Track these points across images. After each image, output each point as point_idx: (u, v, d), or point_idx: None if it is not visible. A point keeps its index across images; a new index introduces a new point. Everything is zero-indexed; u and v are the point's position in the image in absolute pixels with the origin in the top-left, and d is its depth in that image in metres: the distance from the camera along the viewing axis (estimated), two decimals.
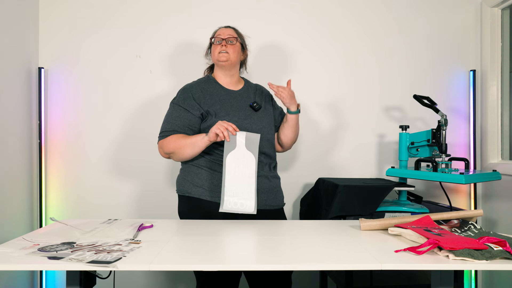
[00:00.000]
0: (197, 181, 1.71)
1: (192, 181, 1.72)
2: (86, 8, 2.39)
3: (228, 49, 1.78)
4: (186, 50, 2.42)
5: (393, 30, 2.53)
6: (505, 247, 1.12)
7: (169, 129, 1.72)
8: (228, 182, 1.56)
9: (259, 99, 1.86)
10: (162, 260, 1.08)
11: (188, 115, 1.72)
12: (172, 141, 1.68)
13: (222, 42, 1.79)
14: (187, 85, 1.82)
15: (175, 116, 1.73)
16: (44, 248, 1.16)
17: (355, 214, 1.87)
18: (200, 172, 1.71)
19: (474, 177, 1.88)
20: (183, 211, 1.75)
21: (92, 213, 2.36)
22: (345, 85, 2.51)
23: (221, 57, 1.78)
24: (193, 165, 1.74)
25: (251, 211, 1.55)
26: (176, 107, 1.75)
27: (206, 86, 1.79)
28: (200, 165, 1.72)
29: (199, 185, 1.70)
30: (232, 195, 1.56)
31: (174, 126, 1.72)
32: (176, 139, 1.68)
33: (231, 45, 1.79)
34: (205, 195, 1.68)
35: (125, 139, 2.40)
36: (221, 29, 1.84)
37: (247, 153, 1.58)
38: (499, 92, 2.48)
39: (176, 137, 1.69)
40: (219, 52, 1.78)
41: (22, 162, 2.22)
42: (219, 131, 1.56)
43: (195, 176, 1.72)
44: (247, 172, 1.57)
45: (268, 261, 1.13)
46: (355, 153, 2.50)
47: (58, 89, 2.38)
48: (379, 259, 1.09)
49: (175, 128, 1.71)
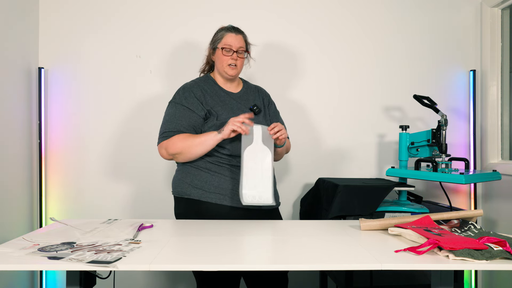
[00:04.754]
0: (196, 183, 1.68)
1: (191, 182, 1.69)
2: (86, 8, 2.39)
3: (238, 63, 1.75)
4: (187, 50, 2.42)
5: (393, 30, 2.53)
6: (505, 247, 1.12)
7: (173, 129, 1.67)
8: (246, 176, 1.58)
9: (259, 102, 1.84)
10: (162, 260, 1.08)
11: (193, 115, 1.68)
12: (178, 141, 1.64)
13: (233, 54, 1.73)
14: (186, 85, 1.78)
15: (179, 116, 1.68)
16: (44, 248, 1.16)
17: (355, 214, 1.87)
18: (200, 174, 1.69)
19: (474, 177, 1.88)
20: (180, 213, 1.73)
21: (92, 213, 2.36)
22: (345, 85, 2.51)
23: (230, 70, 1.74)
24: (192, 166, 1.71)
25: (269, 202, 1.59)
26: (179, 107, 1.70)
27: (205, 86, 1.76)
28: (199, 167, 1.70)
29: (198, 187, 1.68)
30: (250, 188, 1.58)
31: (179, 126, 1.66)
32: (183, 139, 1.64)
33: (241, 58, 1.76)
34: (205, 197, 1.66)
35: (125, 139, 2.40)
36: (231, 36, 1.74)
37: (263, 146, 1.61)
38: (499, 92, 2.48)
39: (182, 137, 1.64)
40: (228, 64, 1.73)
41: (22, 162, 2.22)
42: (236, 126, 1.55)
43: (194, 177, 1.69)
44: (264, 165, 1.61)
45: (268, 261, 1.13)
46: (355, 153, 2.50)
47: (58, 89, 2.38)
48: (379, 259, 1.09)
49: (180, 129, 1.66)
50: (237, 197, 1.63)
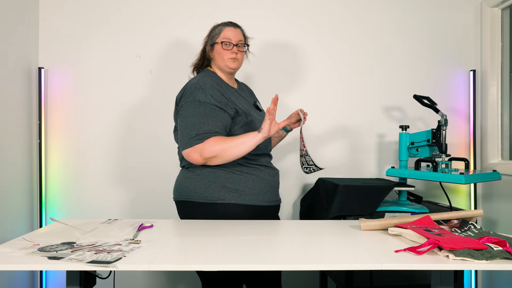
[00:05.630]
0: (229, 186, 1.62)
1: (223, 186, 1.61)
2: (86, 8, 2.39)
3: (238, 56, 1.72)
4: (187, 50, 2.41)
5: (393, 30, 2.53)
6: (505, 247, 1.12)
7: (208, 131, 1.55)
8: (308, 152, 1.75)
9: (253, 98, 1.89)
10: (162, 260, 1.08)
11: (225, 115, 1.60)
12: (215, 144, 1.54)
13: (233, 48, 1.70)
14: (204, 81, 1.65)
15: (213, 116, 1.57)
16: (44, 248, 1.16)
17: (355, 214, 1.87)
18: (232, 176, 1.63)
19: (474, 177, 1.88)
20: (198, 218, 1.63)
21: (92, 213, 2.36)
22: (345, 85, 2.50)
23: (231, 63, 1.71)
24: (220, 169, 1.62)
25: (322, 166, 1.78)
26: (208, 106, 1.58)
27: (218, 82, 1.70)
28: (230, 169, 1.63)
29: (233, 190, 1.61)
30: (304, 164, 1.79)
31: (215, 127, 1.56)
32: (219, 142, 1.54)
33: (241, 52, 1.74)
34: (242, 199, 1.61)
35: (125, 139, 2.40)
36: (229, 30, 1.72)
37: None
38: (499, 92, 2.48)
39: (217, 140, 1.55)
40: (230, 58, 1.70)
41: (22, 162, 2.22)
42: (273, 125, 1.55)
43: (226, 180, 1.62)
44: (302, 144, 1.78)
45: (268, 261, 1.13)
46: (355, 153, 2.50)
47: (58, 89, 2.37)
48: (379, 259, 1.09)
49: (215, 130, 1.56)
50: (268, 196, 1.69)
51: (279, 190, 1.82)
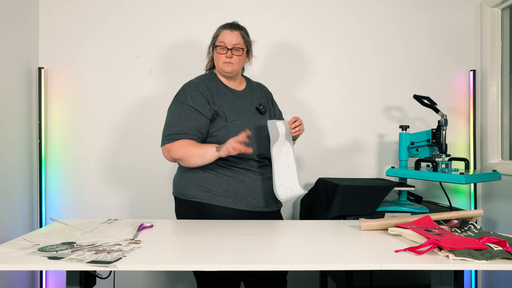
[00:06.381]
0: (204, 185, 1.63)
1: (198, 185, 1.63)
2: (86, 8, 2.39)
3: (233, 60, 1.67)
4: (187, 49, 2.42)
5: (393, 30, 2.53)
6: (505, 247, 1.12)
7: (178, 132, 1.60)
8: (276, 172, 1.62)
9: (263, 100, 1.82)
10: (162, 260, 1.08)
11: (199, 117, 1.61)
12: (180, 148, 1.58)
13: (227, 52, 1.67)
14: (192, 82, 1.70)
15: (185, 117, 1.61)
16: (44, 248, 1.16)
17: (355, 214, 1.87)
18: (208, 176, 1.64)
19: (474, 177, 1.88)
20: (183, 215, 1.68)
21: (92, 213, 2.36)
22: (345, 85, 2.51)
23: (225, 67, 1.69)
24: (199, 168, 1.63)
25: (301, 192, 1.68)
26: (185, 107, 1.62)
27: (211, 84, 1.70)
28: (207, 169, 1.63)
29: (207, 190, 1.62)
30: (281, 184, 1.63)
31: (185, 128, 1.60)
32: (185, 146, 1.58)
33: (237, 56, 1.68)
34: (215, 200, 1.62)
35: (125, 139, 2.40)
36: (225, 33, 1.68)
37: (286, 141, 1.65)
38: (499, 92, 2.48)
39: (184, 144, 1.58)
40: (223, 62, 1.68)
41: (22, 162, 2.22)
42: (236, 151, 1.50)
43: (202, 180, 1.63)
44: (288, 159, 1.67)
45: (268, 261, 1.13)
46: (355, 153, 2.50)
47: (58, 89, 2.38)
48: (379, 259, 1.09)
49: (185, 131, 1.60)
50: (247, 200, 1.64)
51: None
